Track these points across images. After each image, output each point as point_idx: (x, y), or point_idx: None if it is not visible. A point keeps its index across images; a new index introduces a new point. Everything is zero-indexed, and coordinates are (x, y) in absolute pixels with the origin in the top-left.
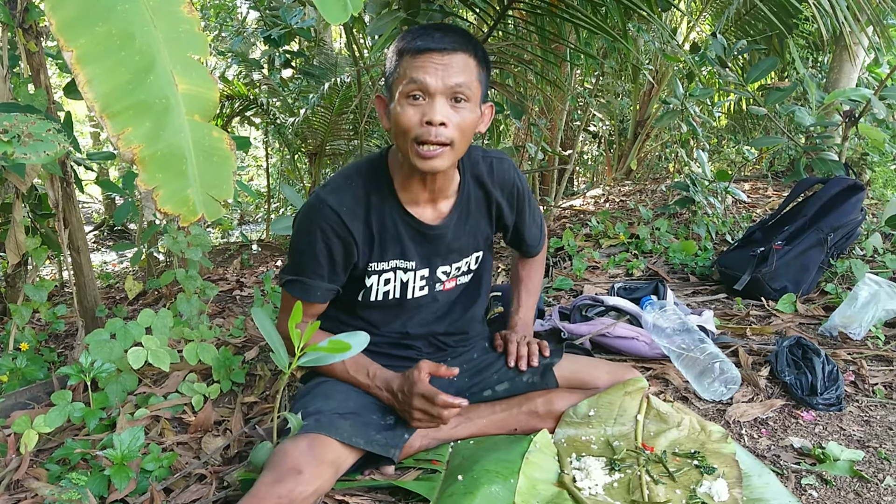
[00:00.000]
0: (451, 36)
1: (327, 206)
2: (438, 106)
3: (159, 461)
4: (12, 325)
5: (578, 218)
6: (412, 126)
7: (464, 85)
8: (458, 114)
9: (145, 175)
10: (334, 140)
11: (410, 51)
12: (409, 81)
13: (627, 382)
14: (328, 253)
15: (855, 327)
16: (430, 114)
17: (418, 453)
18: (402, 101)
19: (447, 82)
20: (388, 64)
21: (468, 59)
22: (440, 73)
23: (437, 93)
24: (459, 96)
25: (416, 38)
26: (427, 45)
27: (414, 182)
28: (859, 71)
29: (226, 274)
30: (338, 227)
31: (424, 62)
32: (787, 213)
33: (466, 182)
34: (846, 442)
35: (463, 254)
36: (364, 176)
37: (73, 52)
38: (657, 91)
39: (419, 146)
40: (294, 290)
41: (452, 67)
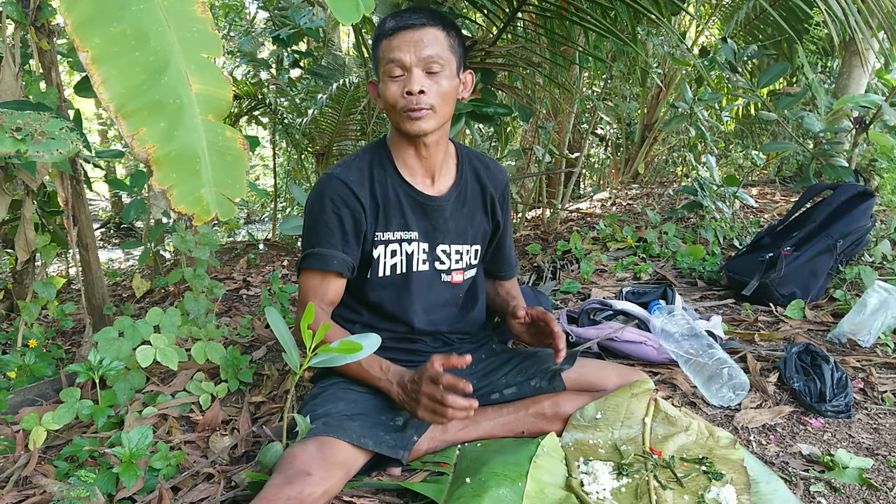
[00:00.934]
0: (419, 13)
1: (335, 177)
2: (416, 77)
3: (167, 460)
4: (21, 322)
5: (585, 221)
6: (397, 98)
7: (436, 56)
8: (435, 82)
9: (160, 175)
10: (341, 141)
11: (385, 33)
12: (388, 61)
13: (634, 384)
14: (339, 222)
15: (864, 334)
16: (409, 84)
17: (426, 456)
18: (386, 80)
19: (419, 55)
20: (373, 49)
21: (437, 32)
22: (412, 48)
23: (413, 66)
24: (434, 66)
25: (389, 20)
26: (398, 25)
27: (410, 155)
28: (869, 76)
29: (232, 273)
30: (346, 196)
31: (399, 41)
32: (797, 219)
33: (464, 168)
34: (855, 449)
35: (461, 237)
36: (367, 153)
37: (88, 52)
38: (665, 95)
39: (404, 114)
40: (311, 262)
41: (423, 41)
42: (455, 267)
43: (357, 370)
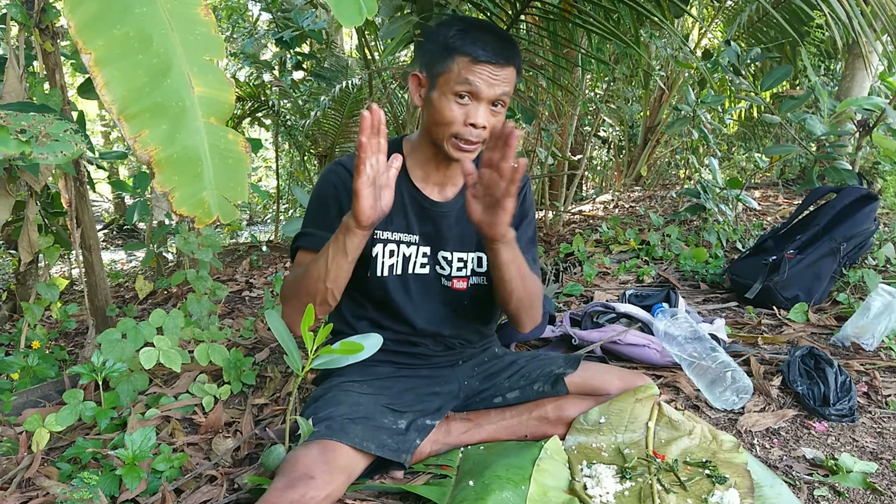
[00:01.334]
0: (505, 48)
1: (342, 166)
2: (482, 111)
3: (170, 462)
4: (24, 323)
5: (588, 223)
6: (455, 123)
7: (506, 94)
8: (494, 117)
9: (161, 177)
10: (344, 142)
11: (470, 55)
12: (462, 83)
13: (638, 389)
14: (339, 208)
15: (867, 338)
16: (475, 117)
17: (428, 458)
18: (449, 97)
19: (495, 92)
20: (435, 51)
21: (513, 72)
22: (491, 84)
23: (485, 99)
24: (499, 103)
25: (476, 44)
26: (489, 59)
27: (429, 166)
28: (872, 79)
29: (235, 275)
30: (347, 182)
31: (481, 71)
32: (800, 222)
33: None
34: (859, 453)
35: (465, 245)
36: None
37: (91, 54)
38: (668, 97)
39: (457, 140)
40: (304, 241)
41: (502, 80)
42: (457, 274)
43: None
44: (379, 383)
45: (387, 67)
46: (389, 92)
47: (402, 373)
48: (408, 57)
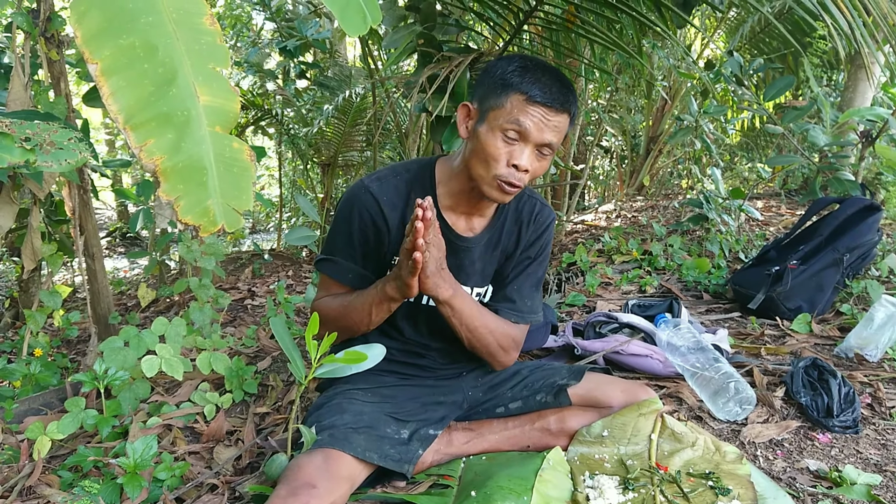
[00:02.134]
0: (564, 94)
1: (369, 192)
2: (528, 154)
3: (171, 470)
4: (26, 331)
5: (590, 233)
6: (499, 162)
7: (555, 143)
8: (539, 163)
9: (167, 186)
10: (347, 151)
11: (526, 94)
12: (513, 122)
13: (642, 404)
14: (362, 238)
15: (871, 349)
16: (520, 160)
17: (430, 468)
18: (497, 133)
19: (544, 138)
20: (491, 85)
21: (566, 119)
22: (543, 128)
23: (532, 142)
24: (547, 149)
25: (535, 84)
26: (545, 101)
27: (462, 197)
28: (875, 90)
29: (237, 283)
30: (375, 214)
31: (535, 113)
32: (803, 233)
33: (506, 212)
34: (863, 465)
35: (485, 279)
36: (411, 173)
37: (97, 63)
38: (670, 107)
39: (499, 180)
40: (326, 268)
41: (554, 126)
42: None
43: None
44: (383, 392)
45: (390, 77)
46: (392, 102)
47: (406, 382)
48: (411, 66)
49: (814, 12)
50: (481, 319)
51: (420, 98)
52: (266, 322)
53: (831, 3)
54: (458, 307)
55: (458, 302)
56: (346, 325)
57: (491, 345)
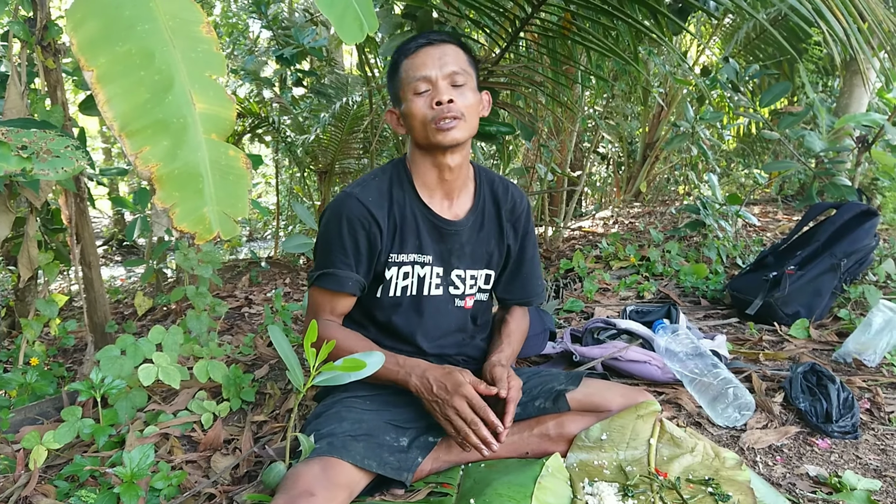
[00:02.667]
0: (436, 35)
1: (354, 197)
2: (443, 88)
3: (168, 480)
4: (23, 340)
5: (588, 239)
6: (426, 112)
7: (460, 70)
8: (461, 94)
9: (162, 193)
10: (344, 159)
11: (407, 52)
12: (413, 79)
13: (640, 406)
14: (354, 243)
15: (869, 354)
16: (438, 95)
17: (429, 476)
18: (412, 98)
19: (445, 70)
20: (389, 77)
21: (457, 50)
22: (437, 63)
23: (440, 79)
24: (458, 79)
25: (409, 42)
26: (419, 44)
27: (431, 177)
28: (870, 95)
29: (234, 291)
30: (363, 217)
31: (423, 58)
32: (800, 238)
33: (482, 191)
34: (862, 471)
35: (476, 262)
36: (387, 173)
37: (93, 71)
38: (667, 114)
39: (436, 123)
40: (325, 282)
41: (447, 56)
42: (469, 292)
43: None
44: (382, 399)
45: (387, 85)
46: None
47: (404, 389)
48: None
49: (809, 19)
50: (519, 343)
51: None
52: (263, 330)
53: (826, 9)
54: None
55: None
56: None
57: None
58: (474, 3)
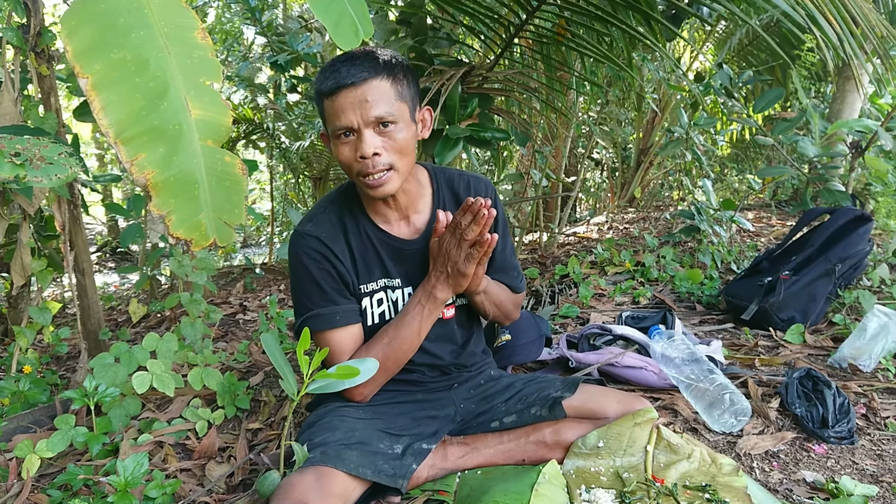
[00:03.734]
0: (357, 66)
1: (307, 234)
2: (367, 138)
3: (163, 488)
4: (15, 348)
5: (583, 245)
6: (351, 162)
7: (385, 113)
8: (389, 139)
9: (158, 200)
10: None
11: (325, 93)
12: (333, 122)
13: (637, 413)
14: (326, 276)
15: (865, 359)
16: (362, 149)
17: (425, 484)
18: (335, 141)
19: (367, 116)
20: (316, 104)
21: (381, 84)
22: (358, 110)
23: (363, 127)
24: (386, 122)
25: (328, 77)
26: (337, 83)
27: (379, 204)
28: (863, 101)
29: (229, 297)
30: (324, 252)
31: (342, 102)
32: (795, 243)
33: (441, 196)
34: (859, 476)
35: None
36: (336, 202)
37: (88, 78)
38: (660, 119)
39: (363, 178)
40: (315, 324)
41: (369, 99)
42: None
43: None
44: (374, 408)
45: None
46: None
47: (397, 398)
48: None
49: (802, 25)
50: (502, 293)
51: None
52: (258, 337)
53: (820, 15)
54: (490, 291)
55: (490, 286)
56: (395, 362)
57: (509, 309)
58: (469, 10)
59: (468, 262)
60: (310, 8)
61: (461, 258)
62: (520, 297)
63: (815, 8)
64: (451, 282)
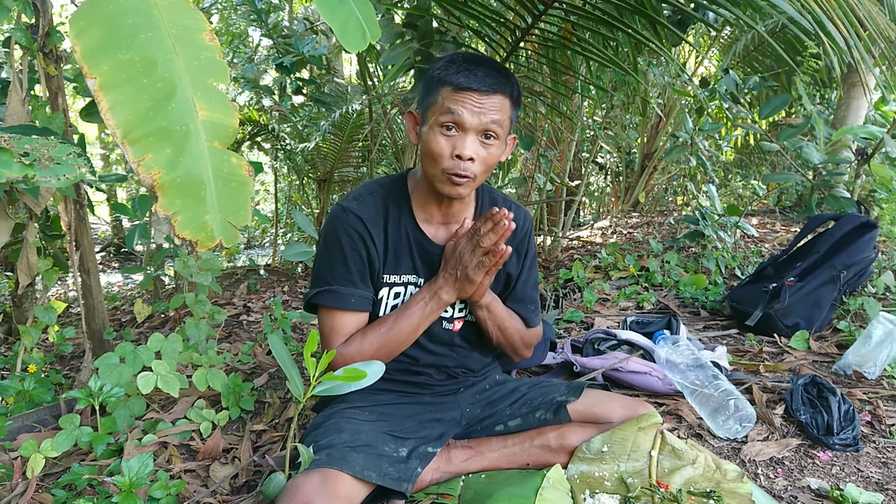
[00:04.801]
0: (492, 76)
1: (351, 212)
2: (469, 142)
3: (167, 489)
4: (20, 347)
5: (587, 249)
6: (443, 156)
7: (495, 127)
8: (486, 150)
9: (165, 201)
10: (343, 167)
11: (451, 84)
12: (446, 113)
13: (641, 418)
14: (356, 257)
15: (869, 366)
16: (461, 149)
17: (429, 487)
18: (436, 129)
19: (482, 121)
20: (424, 86)
21: (504, 100)
22: (476, 113)
23: (471, 130)
24: (490, 134)
25: (459, 72)
26: (469, 85)
27: (431, 203)
28: (869, 108)
29: (233, 298)
30: (361, 232)
31: (464, 99)
32: (800, 250)
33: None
34: (864, 484)
35: None
36: (384, 189)
37: (96, 78)
38: (665, 124)
39: (447, 176)
40: (328, 299)
41: (489, 108)
42: (458, 315)
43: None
44: (380, 410)
45: (387, 93)
46: (389, 118)
47: (403, 400)
48: (407, 83)
49: (809, 30)
50: (510, 321)
51: None
52: (262, 338)
53: (827, 20)
54: (493, 309)
55: (494, 304)
56: (387, 353)
57: (516, 342)
58: (475, 13)
59: (478, 269)
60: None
61: (472, 263)
62: (531, 334)
63: (822, 12)
64: (457, 286)
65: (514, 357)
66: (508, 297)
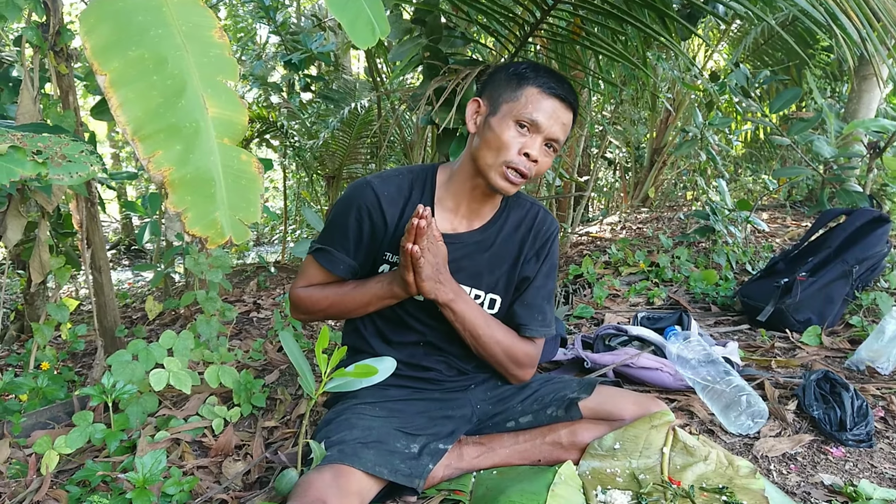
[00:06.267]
0: (573, 95)
1: (371, 187)
2: (538, 145)
3: (180, 485)
4: (33, 344)
5: (596, 245)
6: (510, 149)
7: (561, 138)
8: (546, 157)
9: (174, 197)
10: (352, 164)
11: (542, 87)
12: (528, 113)
13: (654, 416)
14: (358, 230)
15: (882, 361)
16: (531, 147)
17: (441, 483)
18: (510, 123)
19: (554, 131)
20: (504, 80)
21: (572, 119)
22: (554, 121)
23: (543, 134)
24: (553, 144)
25: (552, 80)
26: (560, 94)
27: (464, 194)
28: (880, 101)
29: (242, 295)
30: (373, 208)
31: (550, 106)
32: (811, 244)
33: (506, 215)
34: (878, 480)
35: (474, 281)
36: (414, 174)
37: (106, 75)
38: (674, 119)
39: (507, 169)
40: (321, 257)
41: (564, 121)
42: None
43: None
44: (391, 406)
45: (395, 90)
46: (398, 114)
47: (414, 396)
48: (415, 80)
49: (821, 22)
50: (487, 329)
51: (427, 111)
52: (273, 335)
53: (840, 12)
54: (459, 311)
55: (459, 306)
56: (335, 313)
57: (498, 355)
58: (484, 8)
59: (404, 267)
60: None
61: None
62: (520, 350)
63: (835, 4)
64: (398, 280)
65: (506, 375)
66: (516, 301)
